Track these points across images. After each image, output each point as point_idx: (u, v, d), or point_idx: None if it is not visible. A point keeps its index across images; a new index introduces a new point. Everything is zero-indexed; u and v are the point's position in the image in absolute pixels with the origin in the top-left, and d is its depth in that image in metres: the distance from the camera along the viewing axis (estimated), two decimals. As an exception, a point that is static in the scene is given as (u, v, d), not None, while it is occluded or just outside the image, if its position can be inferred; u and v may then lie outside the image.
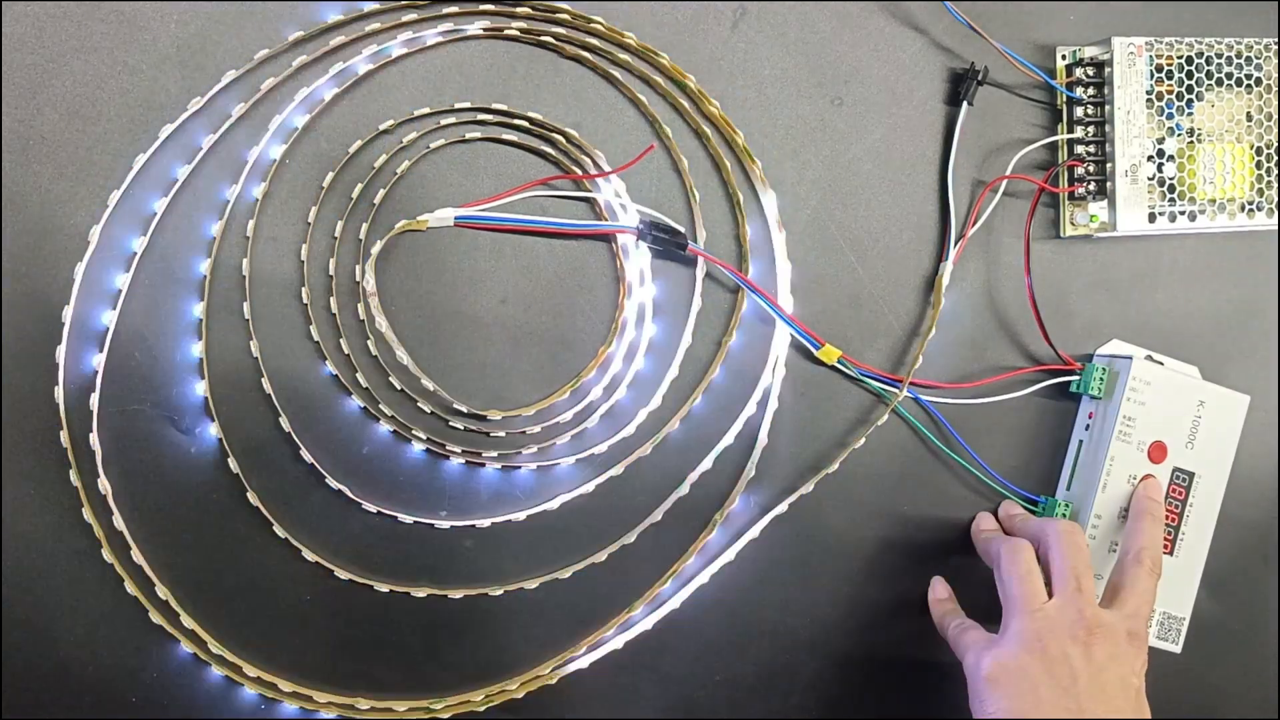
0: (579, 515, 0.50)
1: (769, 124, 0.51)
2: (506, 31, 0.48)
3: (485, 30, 0.48)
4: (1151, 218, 0.52)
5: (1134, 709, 0.46)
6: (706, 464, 0.50)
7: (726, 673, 0.52)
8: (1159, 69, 0.52)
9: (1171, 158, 0.52)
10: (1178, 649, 0.54)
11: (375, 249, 0.46)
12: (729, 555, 0.51)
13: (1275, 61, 0.53)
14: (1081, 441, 0.54)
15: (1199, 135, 0.53)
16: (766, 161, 0.51)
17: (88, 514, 0.44)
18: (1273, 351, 0.58)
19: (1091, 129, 0.52)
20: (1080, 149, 0.53)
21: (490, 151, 0.48)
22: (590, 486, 0.49)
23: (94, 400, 0.44)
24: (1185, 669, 0.56)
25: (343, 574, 0.47)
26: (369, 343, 0.47)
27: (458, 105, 0.47)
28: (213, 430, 0.45)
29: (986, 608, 0.50)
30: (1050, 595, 0.47)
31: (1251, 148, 0.53)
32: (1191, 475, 0.53)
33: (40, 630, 0.45)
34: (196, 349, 0.45)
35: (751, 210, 0.51)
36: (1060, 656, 0.45)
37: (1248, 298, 0.57)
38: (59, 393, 0.44)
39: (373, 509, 0.47)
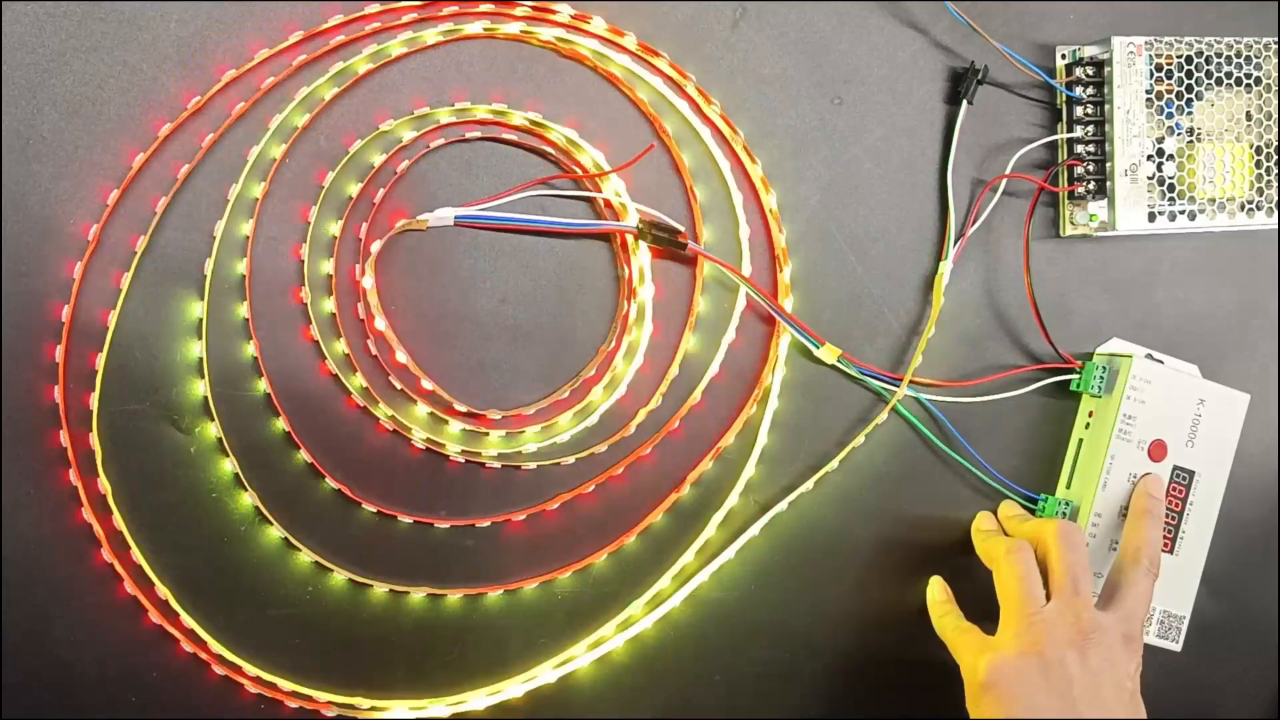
0: (579, 515, 0.50)
1: (769, 124, 0.51)
2: (505, 31, 0.48)
3: (484, 30, 0.48)
4: (1151, 217, 0.52)
5: (1129, 711, 0.46)
6: (706, 464, 0.51)
7: (726, 673, 0.52)
8: (1159, 68, 0.52)
9: (1171, 157, 0.52)
10: (1178, 648, 0.54)
11: (375, 249, 0.46)
12: (729, 555, 0.51)
13: (1275, 61, 0.53)
14: (1081, 440, 0.54)
15: (1199, 135, 0.53)
16: (766, 161, 0.51)
17: (87, 514, 0.44)
18: (1273, 351, 0.58)
19: (1091, 128, 0.52)
20: (1080, 148, 0.53)
21: (490, 151, 0.48)
22: (590, 486, 0.49)
23: (94, 400, 0.44)
24: (1185, 669, 0.56)
25: (342, 574, 0.47)
26: (369, 343, 0.47)
27: (457, 105, 0.48)
28: (213, 430, 0.46)
29: (985, 608, 0.50)
30: (1048, 597, 0.47)
31: (1251, 147, 0.53)
32: (1192, 474, 0.53)
33: (40, 630, 0.45)
34: (196, 349, 0.45)
35: (751, 210, 0.51)
36: (1056, 661, 0.45)
37: (1248, 297, 0.57)
38: (58, 392, 0.44)
39: (372, 509, 0.47)
